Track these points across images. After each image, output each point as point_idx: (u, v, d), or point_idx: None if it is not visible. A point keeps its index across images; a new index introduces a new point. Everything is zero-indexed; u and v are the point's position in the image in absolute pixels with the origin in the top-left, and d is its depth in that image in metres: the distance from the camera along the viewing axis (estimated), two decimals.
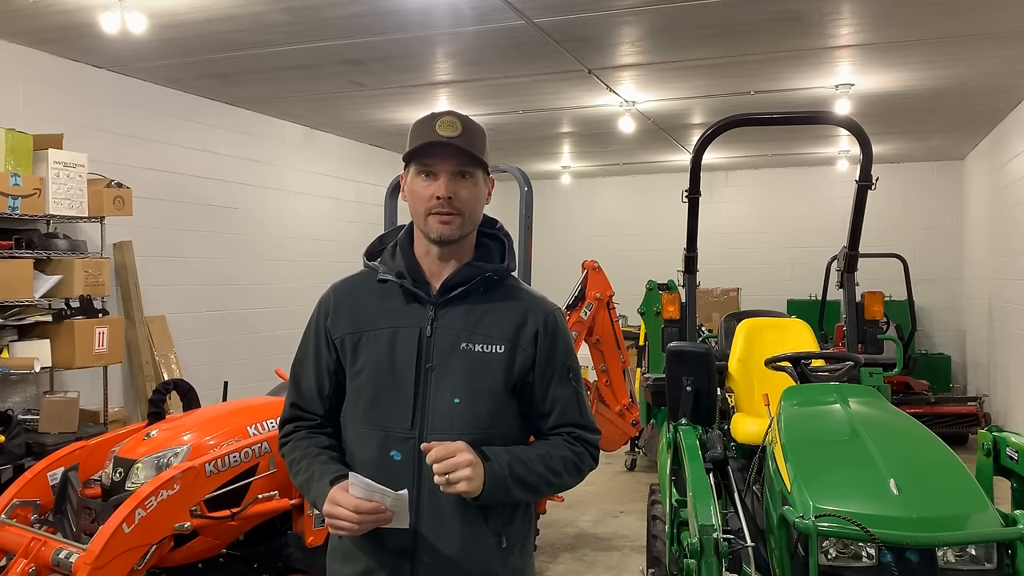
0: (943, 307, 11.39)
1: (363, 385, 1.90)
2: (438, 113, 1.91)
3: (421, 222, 1.91)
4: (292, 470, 1.96)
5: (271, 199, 8.33)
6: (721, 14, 5.22)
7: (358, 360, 1.91)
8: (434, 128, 1.87)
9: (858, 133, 4.01)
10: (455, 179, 1.87)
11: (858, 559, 2.54)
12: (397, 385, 1.88)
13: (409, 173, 1.93)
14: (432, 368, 1.87)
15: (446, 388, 1.86)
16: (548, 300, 2.01)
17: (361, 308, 1.94)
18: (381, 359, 1.89)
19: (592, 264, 6.09)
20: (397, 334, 1.89)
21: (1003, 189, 8.46)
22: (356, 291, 1.98)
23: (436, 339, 1.88)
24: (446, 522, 1.85)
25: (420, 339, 1.88)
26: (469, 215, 1.90)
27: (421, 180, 1.89)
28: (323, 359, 1.97)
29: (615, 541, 6.01)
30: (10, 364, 5.19)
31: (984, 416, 8.50)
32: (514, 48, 5.92)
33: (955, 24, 5.42)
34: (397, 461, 1.86)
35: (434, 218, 1.87)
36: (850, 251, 4.38)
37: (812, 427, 3.25)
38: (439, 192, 1.85)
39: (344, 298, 1.98)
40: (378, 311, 1.93)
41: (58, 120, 5.94)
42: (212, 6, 5.01)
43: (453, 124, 1.88)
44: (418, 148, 1.87)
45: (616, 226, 12.98)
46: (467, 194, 1.88)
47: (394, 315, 1.91)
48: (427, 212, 1.88)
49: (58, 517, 3.73)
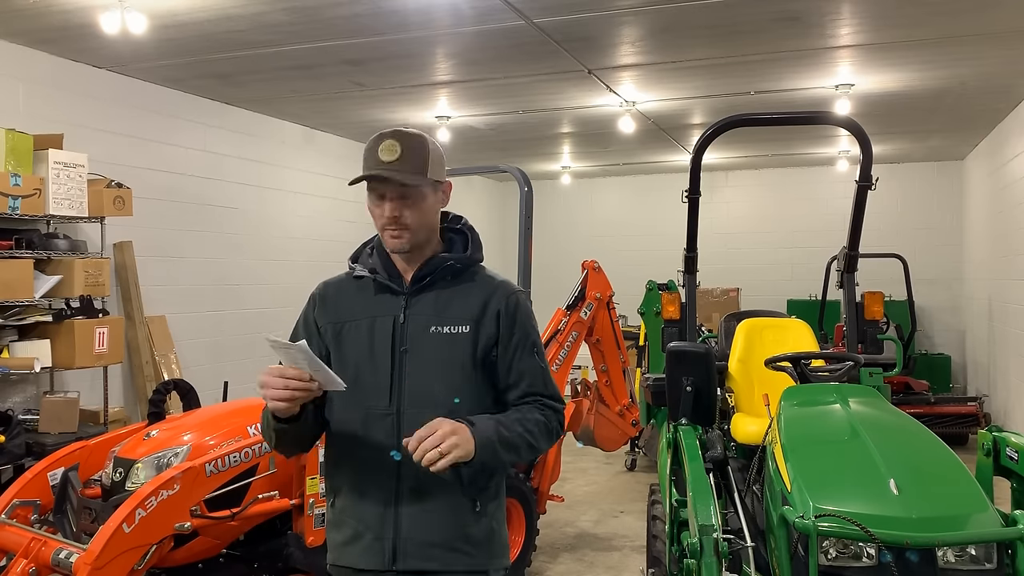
0: (943, 307, 11.39)
1: (348, 371, 2.06)
2: (384, 134, 2.05)
3: (380, 234, 2.14)
4: (262, 424, 2.11)
5: (271, 199, 8.33)
6: (721, 14, 5.22)
7: (341, 347, 2.13)
8: (376, 154, 2.02)
9: (858, 133, 4.00)
10: (400, 201, 2.05)
11: (858, 559, 2.54)
12: (375, 368, 2.09)
13: (367, 192, 2.13)
14: (407, 351, 2.08)
15: (420, 367, 2.07)
16: (511, 283, 2.22)
17: (344, 302, 2.18)
18: (361, 345, 2.11)
19: (592, 264, 6.08)
20: (375, 323, 2.11)
21: (1003, 189, 8.46)
22: (341, 287, 2.22)
23: (409, 325, 2.09)
24: (426, 492, 2.04)
25: (395, 326, 2.10)
26: (417, 228, 2.09)
27: (373, 200, 2.09)
28: (314, 345, 2.08)
29: (615, 541, 6.01)
30: (10, 364, 5.19)
31: (984, 416, 8.50)
32: (514, 48, 5.92)
33: (955, 24, 5.42)
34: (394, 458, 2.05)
35: (387, 233, 2.09)
36: (850, 251, 4.38)
37: (812, 427, 3.25)
38: (386, 213, 2.06)
39: (331, 293, 2.21)
40: (358, 304, 2.16)
41: (58, 120, 5.94)
42: (212, 6, 5.01)
43: (392, 148, 2.02)
44: (362, 178, 2.06)
45: (616, 226, 12.98)
46: (411, 212, 2.06)
47: (371, 306, 2.14)
48: (382, 228, 2.10)
49: (58, 517, 3.73)
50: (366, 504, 2.07)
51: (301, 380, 1.88)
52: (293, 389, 1.88)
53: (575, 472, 7.95)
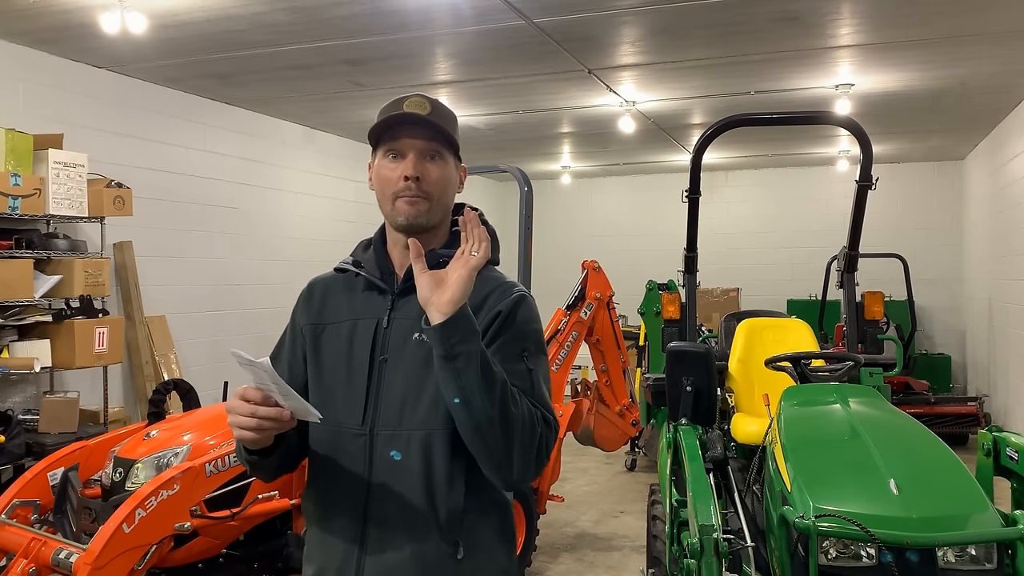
0: (943, 307, 11.39)
1: (320, 380, 1.81)
2: (406, 95, 1.78)
3: (388, 207, 1.76)
4: (236, 448, 1.82)
5: (271, 199, 8.33)
6: (721, 14, 5.22)
7: (319, 354, 1.83)
8: (401, 106, 1.74)
9: (858, 133, 4.01)
10: (424, 159, 1.74)
11: (858, 559, 2.54)
12: (351, 379, 1.77)
13: (376, 158, 1.80)
14: (385, 360, 1.76)
15: (396, 382, 1.74)
16: (516, 285, 1.83)
17: (329, 301, 1.87)
18: (339, 353, 1.80)
19: (592, 264, 6.09)
20: (356, 326, 1.80)
21: (1003, 189, 8.46)
22: (328, 285, 1.90)
23: (392, 331, 1.77)
24: (395, 534, 1.70)
25: (376, 331, 1.77)
26: (438, 199, 1.76)
27: (388, 162, 1.76)
28: (297, 349, 1.88)
29: (615, 541, 6.01)
30: (10, 364, 5.19)
31: (984, 416, 8.49)
32: (514, 48, 5.92)
33: (955, 24, 5.42)
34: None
35: (402, 201, 1.73)
36: (850, 251, 4.38)
37: (812, 427, 3.25)
38: (407, 172, 1.72)
39: (317, 292, 1.90)
40: (343, 304, 1.85)
41: (58, 120, 5.94)
42: (212, 6, 5.01)
43: (422, 104, 1.75)
44: (383, 124, 1.74)
45: (616, 226, 12.98)
46: (437, 174, 1.75)
47: (356, 307, 1.83)
48: (395, 195, 1.74)
49: (58, 517, 3.73)
50: (330, 540, 1.77)
51: (269, 407, 1.57)
52: (261, 418, 1.57)
53: (575, 472, 7.95)
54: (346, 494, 1.74)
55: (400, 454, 1.73)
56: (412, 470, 1.70)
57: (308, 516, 1.85)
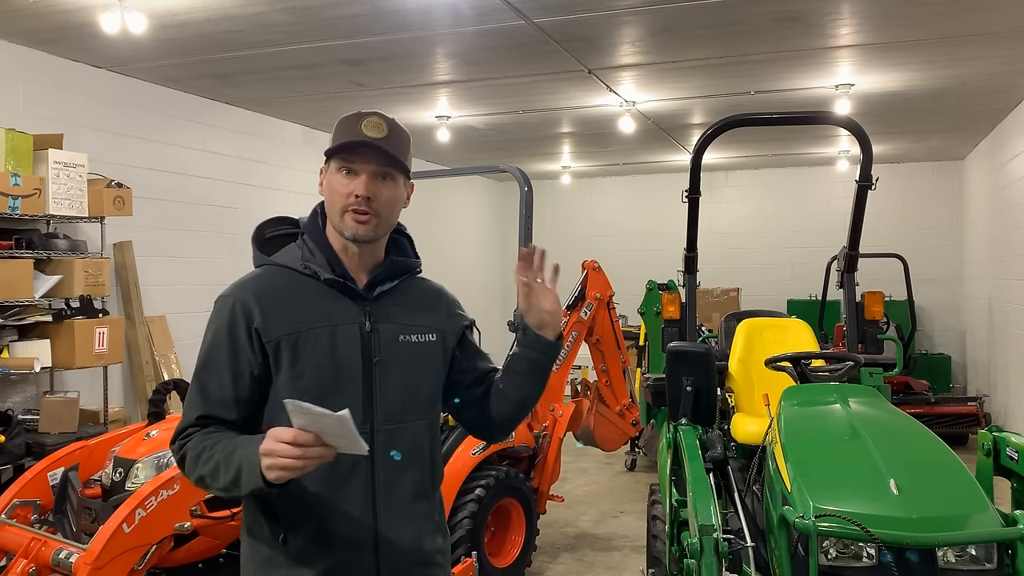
0: (943, 307, 11.39)
1: (306, 387, 1.80)
2: (365, 112, 1.90)
3: (337, 219, 1.90)
4: (199, 460, 1.76)
5: (271, 199, 8.32)
6: (721, 14, 5.22)
7: (299, 362, 1.83)
8: (359, 127, 1.87)
9: (858, 133, 4.00)
10: (375, 180, 1.88)
11: (858, 559, 2.53)
12: (342, 382, 1.84)
13: (330, 168, 1.93)
14: (380, 361, 1.88)
15: (394, 379, 1.89)
16: (447, 288, 2.16)
17: (291, 308, 1.87)
18: (324, 358, 1.84)
19: (592, 264, 6.08)
20: (336, 331, 1.86)
21: (1003, 189, 8.46)
22: (275, 291, 1.89)
23: (379, 333, 1.89)
24: (400, 509, 1.88)
25: (362, 334, 1.88)
26: (386, 217, 1.91)
27: (342, 176, 1.89)
28: (244, 364, 1.83)
29: (615, 541, 6.01)
30: (10, 364, 5.19)
31: (984, 416, 8.49)
32: (514, 48, 5.92)
33: (955, 24, 5.42)
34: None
35: (350, 216, 1.87)
36: (850, 251, 4.37)
37: (812, 427, 3.25)
38: (358, 191, 1.86)
39: (267, 298, 1.87)
40: (310, 309, 1.87)
41: (58, 120, 5.94)
42: (212, 6, 5.01)
43: (379, 125, 1.88)
44: (341, 145, 1.87)
45: (616, 226, 12.98)
46: (387, 195, 1.90)
47: (328, 313, 1.88)
48: (344, 209, 1.88)
49: (58, 517, 3.73)
50: (341, 529, 1.82)
51: (316, 447, 1.59)
52: (309, 458, 1.59)
53: (575, 472, 7.95)
54: (351, 494, 1.82)
55: (400, 454, 1.88)
56: (413, 461, 1.91)
57: (293, 524, 1.82)
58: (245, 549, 1.91)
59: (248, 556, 1.90)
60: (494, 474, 4.82)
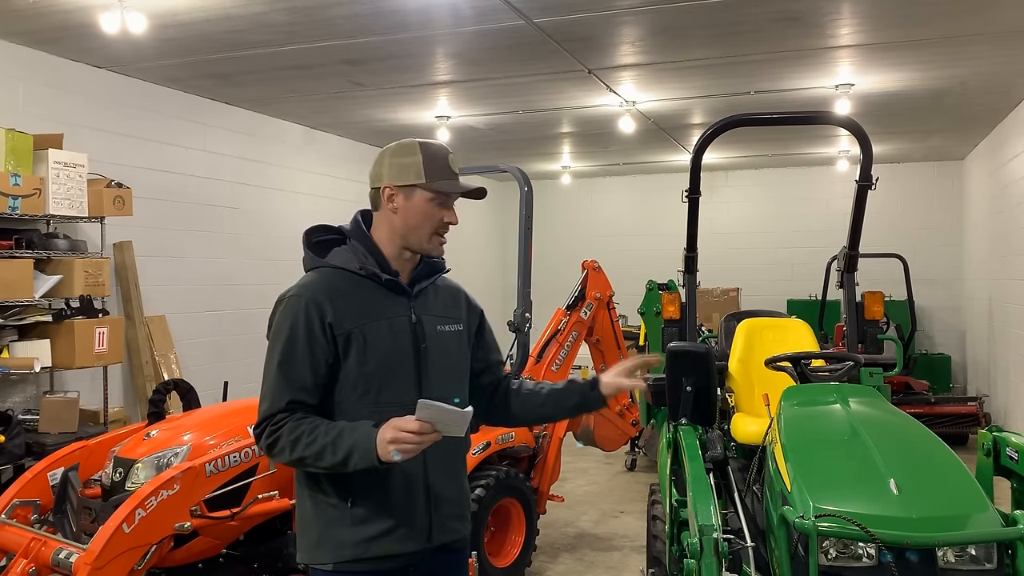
0: (943, 307, 11.39)
1: (371, 371, 2.17)
2: (446, 151, 2.28)
3: (424, 240, 2.27)
4: (298, 443, 2.08)
5: (271, 199, 8.33)
6: (721, 14, 5.22)
7: (367, 349, 2.17)
8: (452, 167, 2.27)
9: (858, 133, 4.00)
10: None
11: (858, 559, 2.53)
12: (400, 366, 2.21)
13: (415, 195, 2.24)
14: (426, 347, 2.26)
15: (438, 364, 2.28)
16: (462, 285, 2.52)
17: (355, 304, 2.20)
18: (385, 346, 2.19)
19: (592, 264, 6.08)
20: (393, 323, 2.22)
21: (1003, 189, 8.46)
22: (340, 290, 2.22)
23: (423, 324, 2.27)
24: (445, 473, 2.28)
25: (410, 325, 2.25)
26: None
27: (434, 207, 2.24)
28: (319, 355, 2.15)
29: (615, 541, 6.01)
30: (10, 364, 5.19)
31: (984, 416, 8.49)
32: (514, 48, 5.92)
33: (955, 24, 5.42)
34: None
35: (437, 239, 2.28)
36: (850, 251, 4.37)
37: (812, 427, 3.25)
38: (452, 220, 2.27)
39: (335, 296, 2.19)
40: (369, 305, 2.22)
41: (58, 120, 5.94)
42: (212, 6, 5.01)
43: (456, 161, 2.29)
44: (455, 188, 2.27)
45: (616, 226, 12.98)
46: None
47: (384, 307, 2.23)
48: (433, 232, 2.26)
49: (58, 517, 3.73)
50: (399, 494, 2.19)
51: (431, 434, 1.98)
52: (427, 443, 1.99)
53: (575, 472, 7.95)
54: (410, 463, 2.09)
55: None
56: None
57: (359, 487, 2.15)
58: (306, 511, 2.24)
59: (311, 518, 2.22)
60: (494, 474, 4.81)
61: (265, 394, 2.17)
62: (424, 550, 2.24)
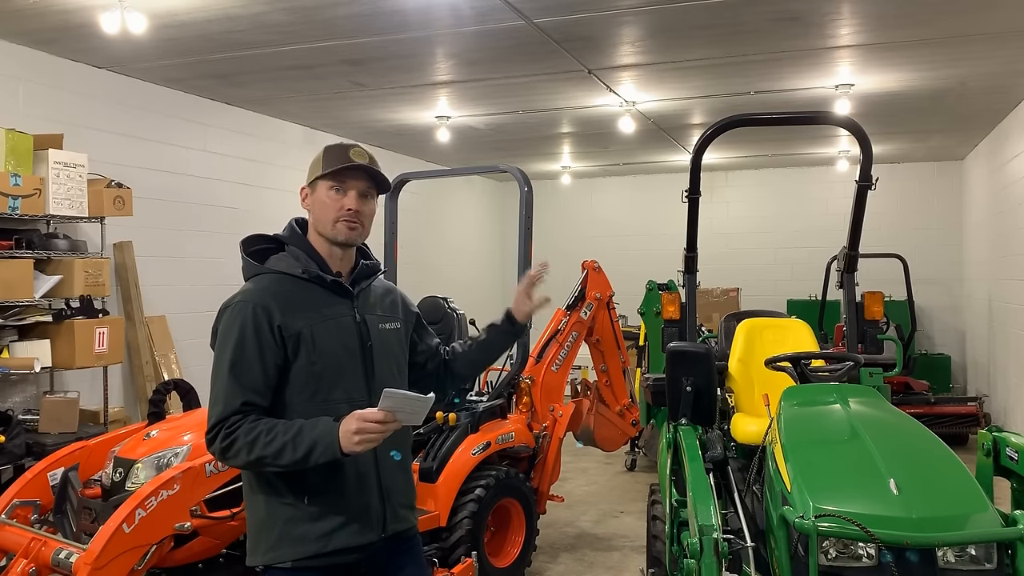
0: (943, 307, 11.39)
1: (320, 371, 2.26)
2: (348, 143, 2.37)
3: (329, 227, 2.33)
4: (256, 443, 2.14)
5: (271, 199, 8.32)
6: (721, 14, 5.22)
7: (316, 349, 2.25)
8: (348, 155, 2.31)
9: (858, 133, 4.00)
10: (361, 197, 2.35)
11: (858, 559, 2.53)
12: (347, 365, 2.31)
13: (317, 187, 2.34)
14: (371, 345, 2.36)
15: (383, 359, 2.39)
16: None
17: (302, 306, 2.28)
18: (333, 345, 2.29)
19: (592, 264, 6.08)
20: (339, 323, 2.32)
21: (1003, 189, 8.46)
22: (285, 293, 2.29)
23: (368, 323, 2.38)
24: (394, 463, 2.38)
25: (355, 324, 2.35)
26: (367, 227, 2.38)
27: (333, 193, 2.32)
28: (269, 357, 2.22)
29: (615, 541, 6.01)
30: (10, 364, 5.19)
31: (984, 416, 8.49)
32: (514, 48, 5.92)
33: (955, 24, 5.42)
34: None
35: (343, 224, 2.32)
36: (850, 251, 4.37)
37: (812, 427, 3.25)
38: (350, 205, 2.31)
39: (281, 300, 2.26)
40: (315, 306, 2.30)
41: (58, 120, 5.94)
42: (212, 6, 5.01)
43: (363, 154, 2.34)
44: (338, 169, 2.30)
45: (616, 226, 12.98)
46: (368, 209, 2.37)
47: (328, 307, 2.32)
48: (336, 219, 2.31)
49: (58, 517, 3.73)
50: (353, 488, 2.27)
51: (392, 423, 2.08)
52: (388, 432, 2.09)
53: (575, 472, 7.95)
54: (362, 456, 2.18)
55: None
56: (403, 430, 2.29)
57: (313, 485, 2.22)
58: (260, 514, 2.29)
59: (266, 519, 2.27)
60: (494, 474, 4.81)
61: (216, 398, 2.20)
62: (379, 540, 2.33)
